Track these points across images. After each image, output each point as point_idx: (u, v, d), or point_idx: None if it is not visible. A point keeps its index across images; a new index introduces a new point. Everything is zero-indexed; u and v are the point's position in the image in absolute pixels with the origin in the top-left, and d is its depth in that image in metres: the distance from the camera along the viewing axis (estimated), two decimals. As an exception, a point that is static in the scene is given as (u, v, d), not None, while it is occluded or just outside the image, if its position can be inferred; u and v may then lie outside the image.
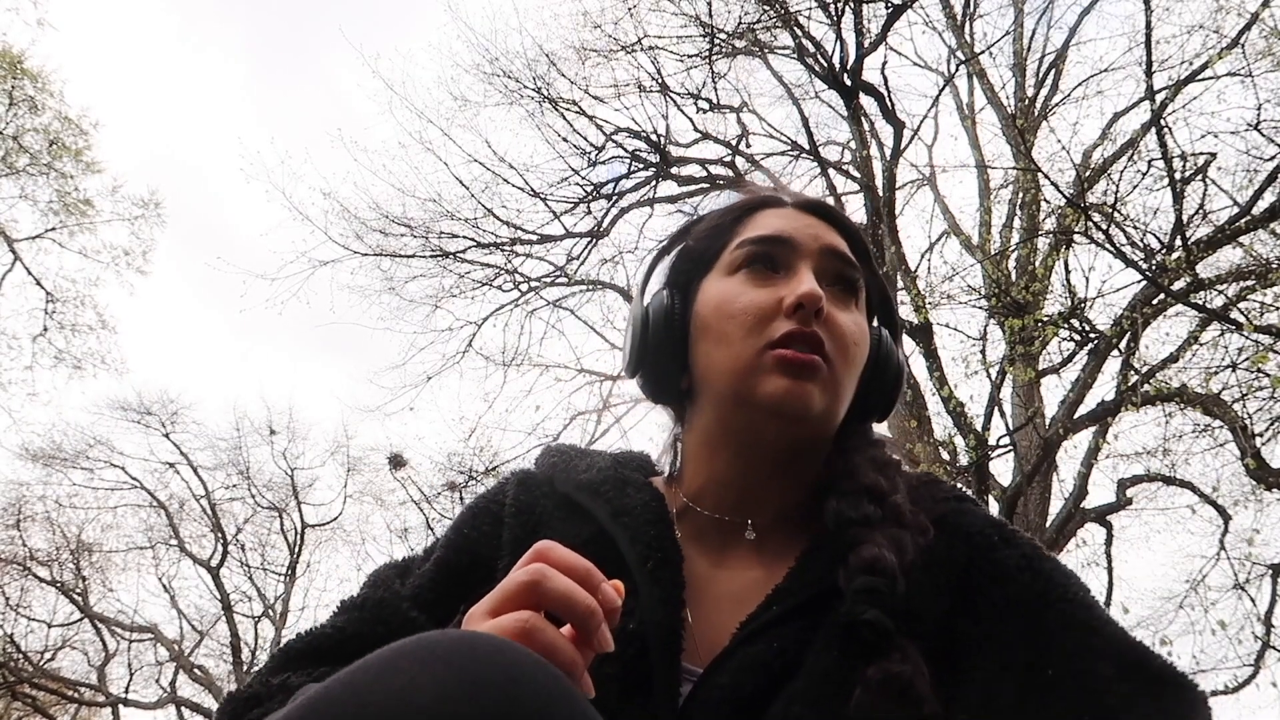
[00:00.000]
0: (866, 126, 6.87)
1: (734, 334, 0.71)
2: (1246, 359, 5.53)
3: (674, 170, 7.73)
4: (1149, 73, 4.71)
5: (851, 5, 6.06)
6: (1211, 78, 5.45)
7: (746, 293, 0.72)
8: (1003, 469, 6.46)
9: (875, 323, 0.82)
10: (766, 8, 6.88)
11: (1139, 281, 5.51)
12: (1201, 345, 5.78)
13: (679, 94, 7.52)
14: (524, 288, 7.84)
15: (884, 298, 0.83)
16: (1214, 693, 6.54)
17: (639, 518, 0.72)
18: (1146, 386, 5.64)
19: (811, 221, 0.77)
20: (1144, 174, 5.73)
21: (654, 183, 7.85)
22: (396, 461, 10.66)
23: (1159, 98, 4.95)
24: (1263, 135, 5.35)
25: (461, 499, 10.13)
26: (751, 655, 0.63)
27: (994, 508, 5.85)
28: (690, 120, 7.67)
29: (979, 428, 5.66)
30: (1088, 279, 6.23)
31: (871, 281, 0.80)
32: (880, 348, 0.78)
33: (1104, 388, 6.05)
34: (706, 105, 7.59)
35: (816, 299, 0.69)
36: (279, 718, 0.44)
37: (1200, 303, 5.31)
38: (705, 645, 0.66)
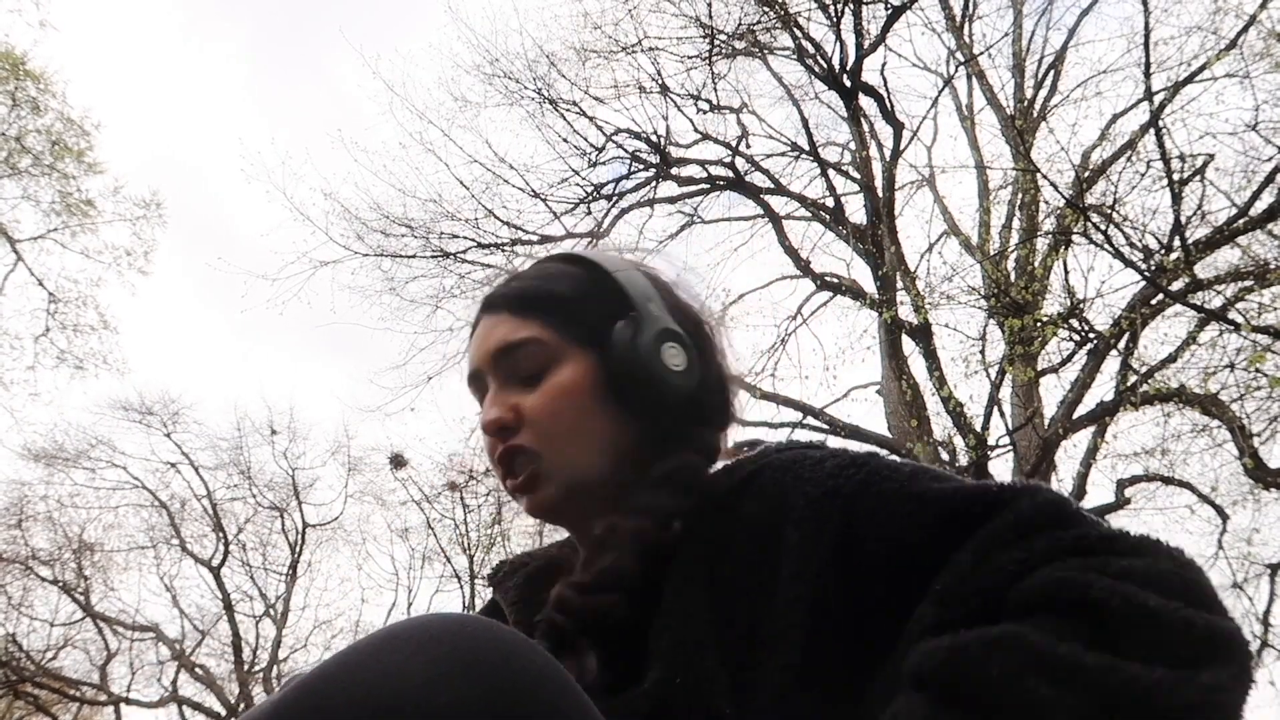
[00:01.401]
0: (866, 127, 6.89)
1: (495, 472, 0.77)
2: (1245, 359, 5.55)
3: (674, 171, 7.74)
4: (1147, 74, 4.72)
5: (851, 6, 6.08)
6: (1210, 79, 5.47)
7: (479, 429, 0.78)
8: (1002, 469, 6.47)
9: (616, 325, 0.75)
10: (766, 9, 6.90)
11: (1138, 282, 5.53)
12: (1200, 345, 5.79)
13: (679, 95, 7.54)
14: (524, 288, 7.85)
15: (591, 308, 0.76)
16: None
17: (517, 589, 0.80)
18: (1145, 386, 5.66)
19: (487, 327, 0.78)
20: (1143, 175, 5.74)
21: (654, 183, 7.87)
22: (397, 461, 10.68)
23: (1157, 99, 4.97)
24: (1261, 136, 5.37)
25: (462, 499, 10.16)
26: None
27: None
28: (690, 121, 7.69)
29: (978, 428, 5.68)
30: (1087, 279, 6.25)
31: (563, 314, 0.76)
32: (608, 358, 0.73)
33: (1103, 388, 6.07)
34: (706, 106, 7.61)
35: (490, 427, 0.73)
36: (275, 699, 0.46)
37: (1199, 303, 5.32)
38: None
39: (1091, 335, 5.62)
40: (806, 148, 7.48)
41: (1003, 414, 6.08)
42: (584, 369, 0.74)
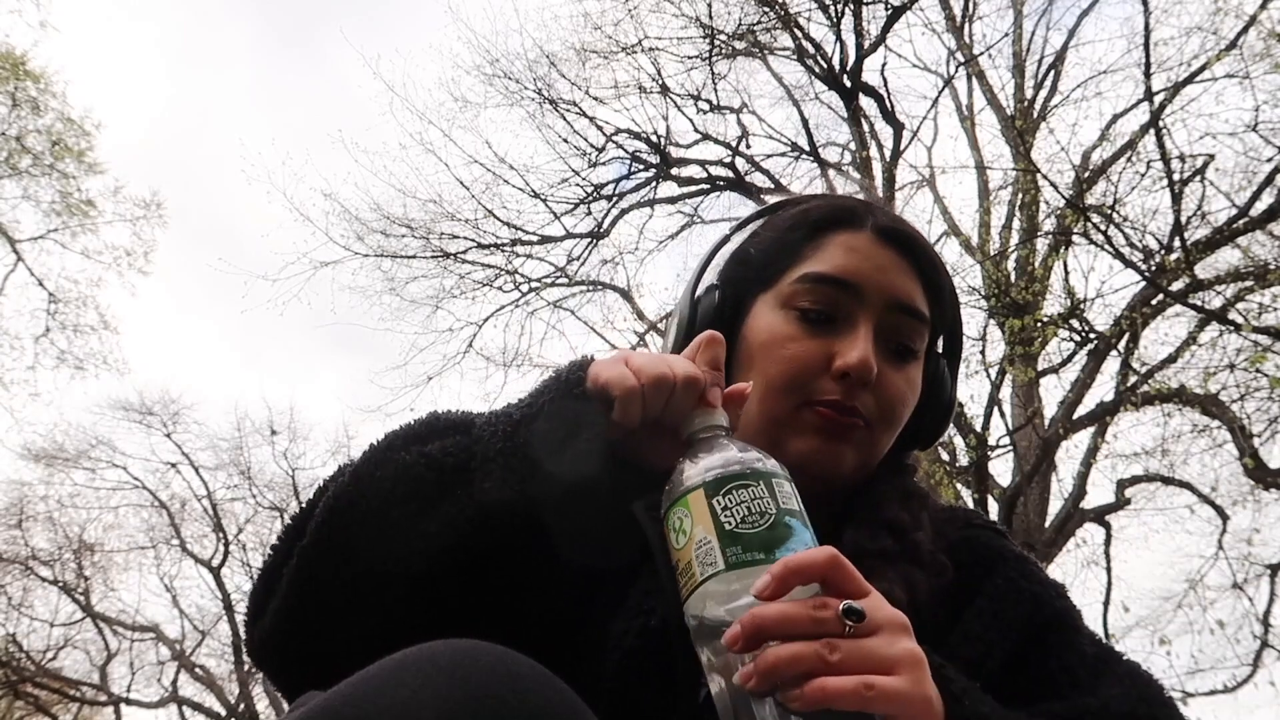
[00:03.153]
0: (866, 128, 6.89)
1: (775, 380, 0.69)
2: (1245, 359, 5.55)
3: (674, 171, 7.75)
4: (1148, 74, 4.73)
5: (851, 7, 6.09)
6: (1210, 79, 5.47)
7: (797, 340, 0.70)
8: (1002, 469, 6.48)
9: (939, 350, 0.79)
10: (766, 9, 6.91)
11: (1138, 282, 5.54)
12: (1200, 346, 5.79)
13: (679, 95, 7.54)
14: (524, 288, 7.87)
15: (952, 329, 0.80)
16: (1212, 691, 6.57)
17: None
18: (1145, 387, 5.66)
19: (886, 260, 0.72)
20: (1143, 175, 5.75)
21: (654, 183, 7.87)
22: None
23: (1158, 99, 4.98)
24: (1261, 136, 5.38)
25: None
26: None
27: (994, 507, 5.87)
28: (690, 121, 7.70)
29: (979, 428, 5.68)
30: (1087, 280, 6.27)
31: (941, 316, 0.76)
32: (934, 382, 0.76)
33: (1103, 388, 6.08)
34: (707, 106, 7.61)
35: (867, 372, 0.67)
36: None
37: (1199, 303, 5.33)
38: None
39: (1092, 335, 5.63)
40: (807, 148, 7.49)
41: (1003, 414, 6.09)
42: (920, 380, 0.75)
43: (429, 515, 0.58)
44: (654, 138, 7.54)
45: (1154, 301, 5.55)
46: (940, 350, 0.79)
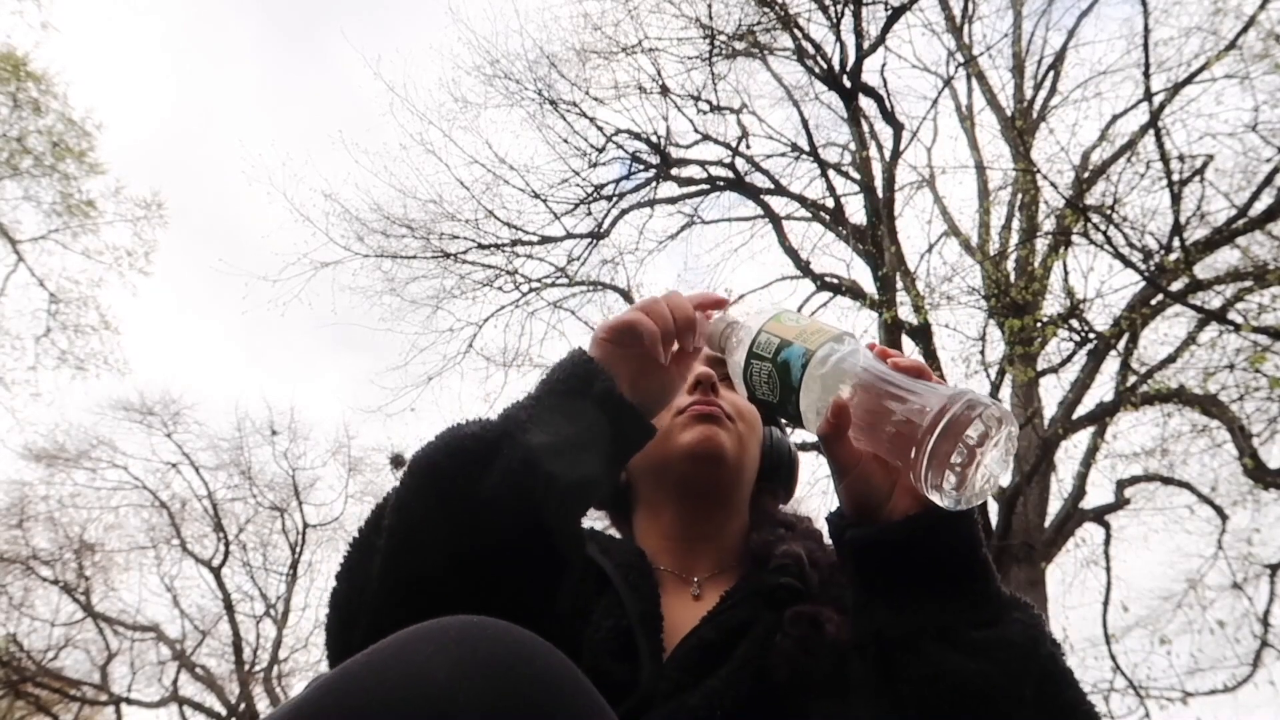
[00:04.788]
0: (866, 128, 6.89)
1: (666, 414, 0.88)
2: (1244, 359, 5.55)
3: (674, 172, 7.75)
4: (1147, 75, 4.74)
5: (851, 7, 6.09)
6: (1209, 80, 5.47)
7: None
8: (1002, 469, 6.46)
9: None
10: (766, 10, 6.91)
11: (1137, 282, 5.54)
12: (1199, 346, 5.79)
13: (679, 95, 7.54)
14: (524, 289, 7.87)
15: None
16: (1212, 691, 6.57)
17: (619, 551, 0.86)
18: (1145, 387, 5.67)
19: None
20: (1142, 175, 5.75)
21: (654, 184, 7.87)
22: (398, 462, 10.67)
23: (1157, 99, 4.99)
24: (1260, 137, 5.38)
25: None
26: (700, 637, 0.76)
27: (994, 507, 5.88)
28: (690, 122, 7.70)
29: (978, 428, 5.67)
30: (1086, 280, 6.27)
31: None
32: (771, 437, 0.97)
33: (1103, 388, 6.08)
34: (707, 107, 7.61)
35: (710, 374, 0.87)
36: (299, 698, 0.47)
37: (1198, 303, 5.33)
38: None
39: (1091, 335, 5.63)
40: (806, 148, 7.49)
41: (1002, 414, 6.08)
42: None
43: (485, 476, 0.65)
44: (654, 138, 7.55)
45: (1153, 301, 5.55)
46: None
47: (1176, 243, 4.95)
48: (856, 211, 7.26)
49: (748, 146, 7.76)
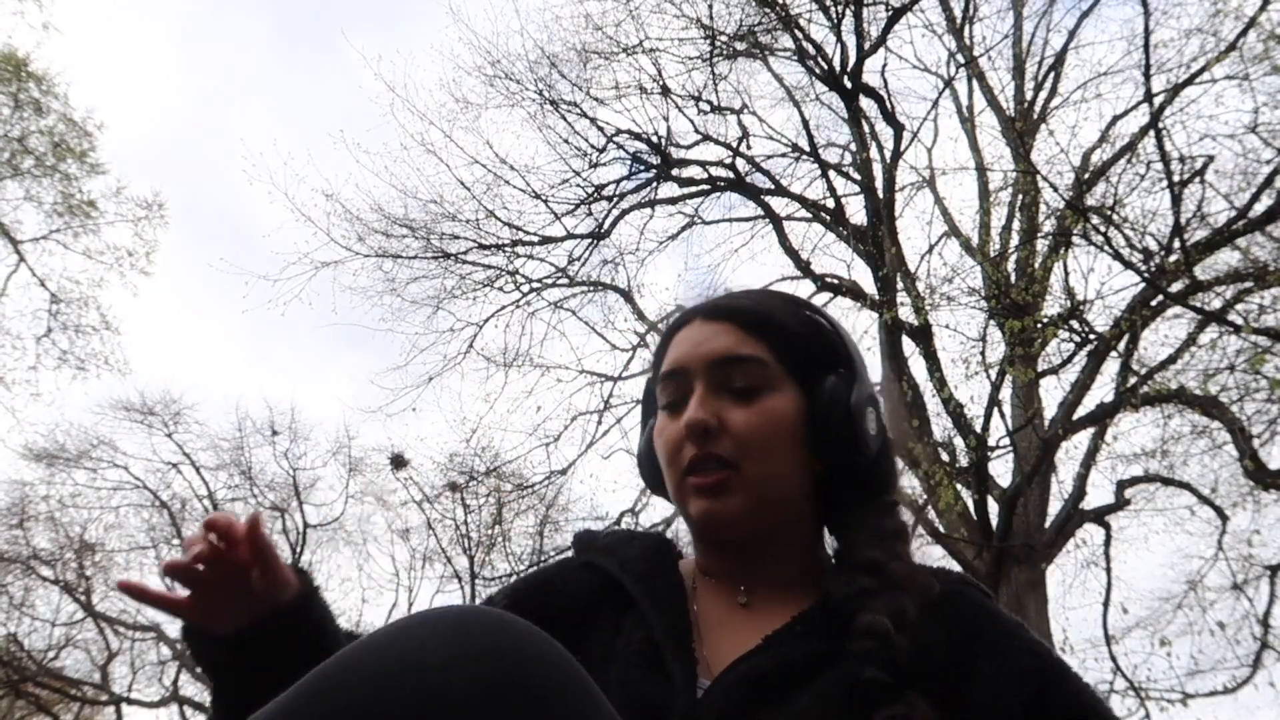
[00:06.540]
0: (867, 129, 6.89)
1: (667, 467, 0.80)
2: (1244, 361, 5.55)
3: (675, 172, 7.75)
4: (1147, 76, 4.74)
5: (852, 8, 6.09)
6: (1209, 81, 5.48)
7: (666, 428, 0.80)
8: (1002, 470, 6.48)
9: (821, 376, 0.80)
10: (767, 10, 6.91)
11: (1137, 283, 5.54)
12: (1199, 347, 5.79)
13: (680, 96, 7.54)
14: (525, 289, 7.87)
15: (809, 350, 0.80)
16: (1212, 693, 6.57)
17: (637, 560, 0.82)
18: (1145, 388, 5.67)
19: (707, 334, 0.80)
20: (1142, 176, 5.76)
21: (655, 184, 7.87)
22: (398, 462, 10.68)
23: (1157, 101, 4.99)
24: (1260, 138, 5.39)
25: (463, 499, 10.16)
26: (754, 666, 0.70)
27: (994, 508, 5.88)
28: (691, 122, 7.69)
29: (978, 429, 5.68)
30: (1087, 281, 6.29)
31: (785, 345, 0.79)
32: (819, 396, 0.77)
33: (1103, 389, 6.08)
34: (707, 107, 7.61)
35: (695, 426, 0.75)
36: (299, 684, 0.48)
37: (1198, 305, 5.33)
38: (714, 667, 0.72)
39: (1091, 336, 5.63)
40: (807, 149, 7.49)
41: (1003, 415, 6.10)
42: (795, 403, 0.78)
43: None
44: (655, 138, 7.55)
45: (1154, 303, 5.55)
46: (826, 370, 0.80)
47: (1177, 244, 4.95)
48: (857, 212, 7.27)
49: (748, 147, 7.76)
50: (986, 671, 0.70)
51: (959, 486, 5.93)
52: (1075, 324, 5.61)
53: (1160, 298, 5.30)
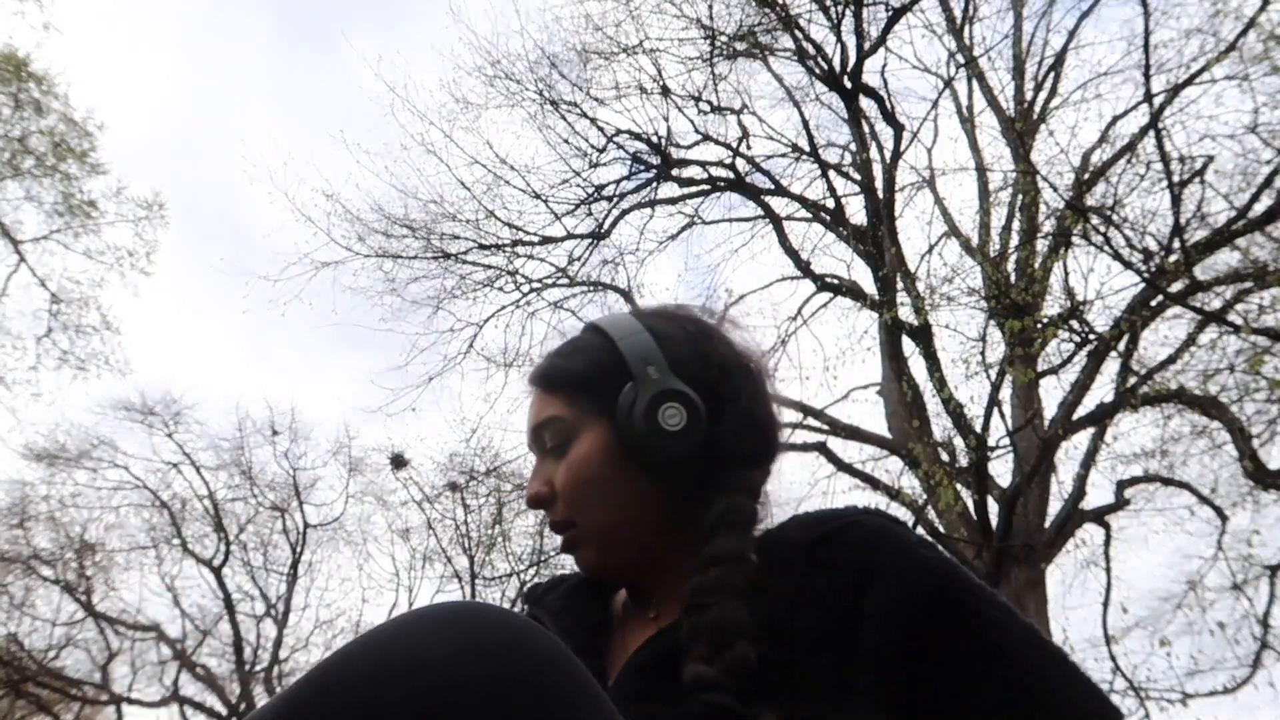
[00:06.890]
0: (866, 129, 6.90)
1: None
2: (1244, 361, 5.56)
3: (675, 172, 7.75)
4: (1147, 76, 4.74)
5: (851, 8, 6.10)
6: (1209, 81, 5.48)
7: None
8: (1002, 470, 6.48)
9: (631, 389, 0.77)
10: (767, 10, 6.91)
11: (1137, 284, 5.54)
12: (1199, 347, 5.80)
13: (680, 96, 7.54)
14: (525, 289, 7.87)
15: (601, 379, 0.79)
16: (1212, 693, 6.57)
17: (556, 604, 0.83)
18: (1145, 388, 5.67)
19: (529, 404, 0.84)
20: (1142, 177, 5.76)
21: (655, 184, 7.87)
22: (398, 462, 10.69)
23: (1157, 101, 4.99)
24: (1260, 138, 5.39)
25: (463, 499, 10.17)
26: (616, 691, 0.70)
27: (994, 508, 5.88)
28: (691, 122, 7.70)
29: (978, 429, 5.68)
30: (1086, 281, 6.29)
31: (580, 388, 0.79)
32: (619, 427, 0.76)
33: (1103, 389, 6.09)
34: (707, 107, 7.61)
35: (530, 503, 0.80)
36: (303, 678, 0.49)
37: (1198, 305, 5.34)
38: None
39: (1091, 337, 5.63)
40: (807, 149, 7.50)
41: (1003, 415, 6.09)
42: (598, 439, 0.78)
43: None
44: (655, 139, 7.55)
45: (1153, 303, 5.55)
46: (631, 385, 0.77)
47: (1176, 244, 4.95)
48: (857, 212, 7.27)
49: (748, 147, 7.77)
50: (875, 604, 0.63)
51: (959, 486, 5.93)
52: (1075, 324, 5.61)
53: (1160, 298, 5.31)
